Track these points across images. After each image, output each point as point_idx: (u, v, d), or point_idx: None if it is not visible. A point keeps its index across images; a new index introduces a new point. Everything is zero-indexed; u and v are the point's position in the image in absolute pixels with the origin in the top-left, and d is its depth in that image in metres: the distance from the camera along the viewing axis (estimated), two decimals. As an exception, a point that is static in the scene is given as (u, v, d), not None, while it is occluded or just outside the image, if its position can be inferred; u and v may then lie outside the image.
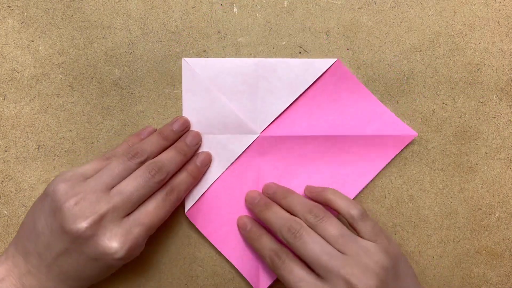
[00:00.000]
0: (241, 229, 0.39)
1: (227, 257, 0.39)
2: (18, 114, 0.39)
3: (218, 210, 0.39)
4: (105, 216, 0.32)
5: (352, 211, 0.35)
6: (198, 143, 0.38)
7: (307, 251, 0.33)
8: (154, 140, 0.36)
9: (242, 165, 0.39)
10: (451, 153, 0.40)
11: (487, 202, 0.41)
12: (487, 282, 0.41)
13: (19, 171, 0.39)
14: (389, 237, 0.36)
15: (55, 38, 0.39)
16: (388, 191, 0.41)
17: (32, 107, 0.39)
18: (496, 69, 0.40)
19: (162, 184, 0.34)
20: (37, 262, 0.33)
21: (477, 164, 0.40)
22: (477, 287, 0.41)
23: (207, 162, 0.38)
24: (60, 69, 0.39)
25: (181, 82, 0.39)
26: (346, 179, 0.40)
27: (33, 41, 0.39)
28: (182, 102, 0.39)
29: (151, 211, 0.33)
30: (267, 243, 0.36)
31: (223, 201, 0.39)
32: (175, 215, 0.40)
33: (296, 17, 0.39)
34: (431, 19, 0.39)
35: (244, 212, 0.40)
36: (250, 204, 0.39)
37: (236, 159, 0.39)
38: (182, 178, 0.36)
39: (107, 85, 0.39)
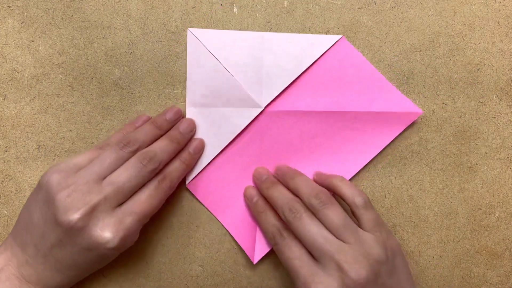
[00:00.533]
0: (247, 199, 0.39)
1: (225, 227, 0.40)
2: (18, 114, 0.39)
3: (219, 182, 0.40)
4: (97, 207, 0.32)
5: (356, 199, 0.35)
6: (192, 130, 0.38)
7: (304, 232, 0.33)
8: (147, 129, 0.36)
9: (245, 139, 0.39)
10: (451, 153, 0.40)
11: (487, 202, 0.41)
12: (487, 282, 0.41)
13: (19, 171, 0.39)
14: (390, 231, 0.36)
15: (55, 38, 0.39)
16: (388, 191, 0.41)
17: (32, 107, 0.39)
18: (496, 69, 0.40)
19: (155, 174, 0.34)
20: (34, 252, 0.33)
21: (477, 164, 0.40)
22: (477, 287, 0.41)
23: (200, 148, 0.38)
24: (60, 69, 0.39)
25: (181, 82, 0.39)
26: (347, 156, 0.39)
27: (33, 41, 0.39)
28: (184, 99, 0.39)
29: (144, 200, 0.33)
30: (271, 218, 0.36)
31: (225, 173, 0.40)
32: (176, 215, 0.40)
33: (296, 17, 0.39)
34: (431, 19, 0.39)
35: (244, 184, 0.40)
36: (257, 180, 0.39)
37: (239, 133, 0.39)
38: (175, 166, 0.36)
39: (107, 85, 0.39)
